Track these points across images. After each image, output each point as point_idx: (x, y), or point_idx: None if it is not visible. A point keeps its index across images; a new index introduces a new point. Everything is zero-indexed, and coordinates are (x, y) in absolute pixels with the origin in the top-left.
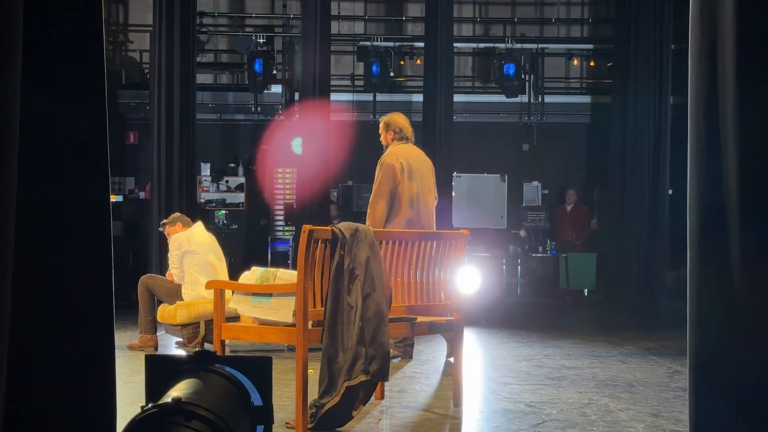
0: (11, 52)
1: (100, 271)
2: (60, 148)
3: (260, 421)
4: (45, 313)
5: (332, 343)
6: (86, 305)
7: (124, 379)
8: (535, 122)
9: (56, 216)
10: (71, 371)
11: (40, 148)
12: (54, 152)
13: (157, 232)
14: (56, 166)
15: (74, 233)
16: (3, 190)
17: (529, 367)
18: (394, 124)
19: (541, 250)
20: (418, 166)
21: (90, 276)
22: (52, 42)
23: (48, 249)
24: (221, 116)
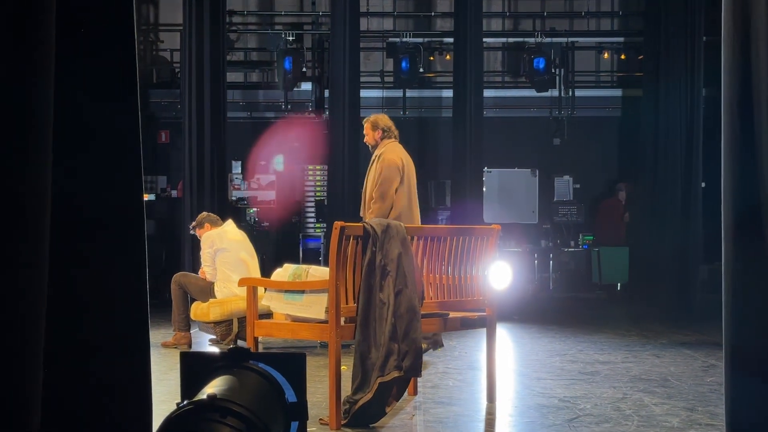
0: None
1: (134, 268)
2: (93, 146)
3: (295, 418)
4: (81, 311)
5: (365, 340)
6: (121, 303)
7: (159, 377)
8: (566, 116)
9: (91, 214)
10: (107, 368)
11: (73, 146)
12: (87, 150)
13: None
14: (90, 164)
15: (109, 231)
16: (39, 190)
17: (562, 362)
18: (382, 122)
19: (573, 245)
20: (410, 165)
21: (125, 273)
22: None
23: (83, 247)
24: (251, 114)
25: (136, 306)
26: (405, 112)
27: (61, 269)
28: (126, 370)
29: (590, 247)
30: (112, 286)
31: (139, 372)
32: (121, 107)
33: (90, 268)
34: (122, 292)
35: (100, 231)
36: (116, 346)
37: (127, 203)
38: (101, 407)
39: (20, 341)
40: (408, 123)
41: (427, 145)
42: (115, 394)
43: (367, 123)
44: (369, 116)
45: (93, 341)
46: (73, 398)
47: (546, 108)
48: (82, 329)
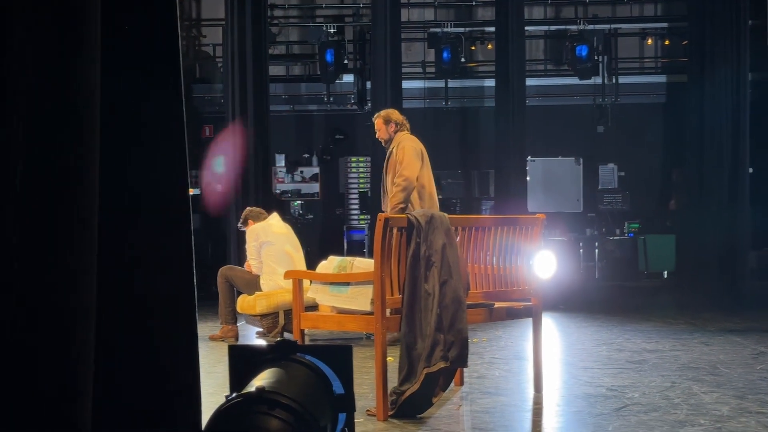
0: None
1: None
2: (139, 138)
3: (342, 409)
4: (129, 304)
5: (411, 331)
6: (170, 296)
7: (207, 369)
8: (610, 104)
9: (138, 206)
10: (156, 362)
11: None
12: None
13: (235, 224)
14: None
15: (156, 223)
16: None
17: (609, 351)
18: (394, 116)
19: (618, 233)
20: (426, 154)
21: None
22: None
23: (131, 240)
24: (294, 107)
25: (184, 298)
26: (447, 103)
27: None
28: (175, 362)
29: (636, 235)
30: (160, 279)
31: (188, 364)
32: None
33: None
34: (171, 284)
35: (148, 223)
36: (165, 338)
37: (173, 194)
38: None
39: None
40: (450, 113)
41: (469, 135)
42: (164, 387)
43: (378, 119)
44: (379, 112)
45: (142, 334)
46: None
47: (589, 96)
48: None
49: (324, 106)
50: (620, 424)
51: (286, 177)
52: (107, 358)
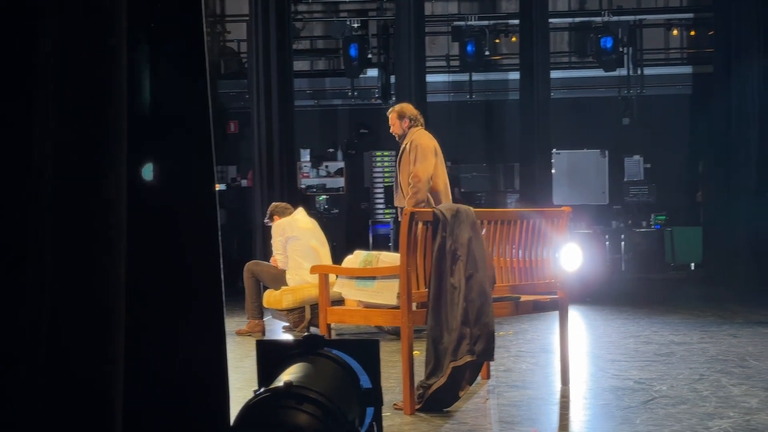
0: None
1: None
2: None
3: (370, 403)
4: (157, 300)
5: (437, 325)
6: (197, 291)
7: (234, 364)
8: (635, 95)
9: (164, 202)
10: (184, 356)
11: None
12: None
13: (261, 219)
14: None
15: (183, 219)
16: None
17: (636, 344)
18: (409, 112)
19: (645, 225)
20: (440, 151)
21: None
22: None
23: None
24: (319, 102)
25: (211, 294)
26: (471, 96)
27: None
28: (203, 357)
29: (662, 227)
30: (186, 275)
31: (215, 359)
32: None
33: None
34: (197, 280)
35: (175, 218)
36: (193, 333)
37: (200, 189)
38: (180, 395)
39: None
40: (475, 106)
41: (494, 128)
42: (192, 383)
43: (392, 113)
44: (393, 107)
45: (170, 329)
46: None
47: (614, 87)
48: (160, 317)
49: (348, 101)
50: (648, 417)
51: (311, 172)
52: (135, 355)
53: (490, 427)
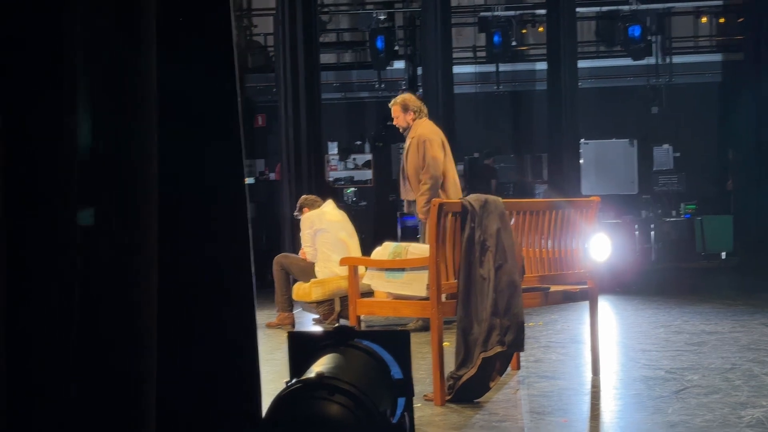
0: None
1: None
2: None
3: (401, 394)
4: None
5: (466, 315)
6: (228, 284)
7: (265, 357)
8: (664, 84)
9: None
10: (215, 348)
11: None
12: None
13: (290, 212)
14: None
15: (213, 213)
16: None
17: (667, 334)
18: (412, 103)
19: (674, 214)
20: (447, 143)
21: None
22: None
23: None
24: (346, 95)
25: (241, 287)
26: (498, 87)
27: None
28: (234, 350)
29: (693, 216)
30: (217, 268)
31: (247, 351)
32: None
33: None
34: (227, 273)
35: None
36: (224, 326)
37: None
38: (211, 387)
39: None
40: (502, 97)
41: (521, 118)
42: (224, 374)
43: (395, 106)
44: (397, 97)
45: (202, 322)
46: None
47: (643, 76)
48: (191, 311)
49: (375, 93)
50: (680, 407)
51: (338, 164)
52: (168, 347)
53: (521, 417)
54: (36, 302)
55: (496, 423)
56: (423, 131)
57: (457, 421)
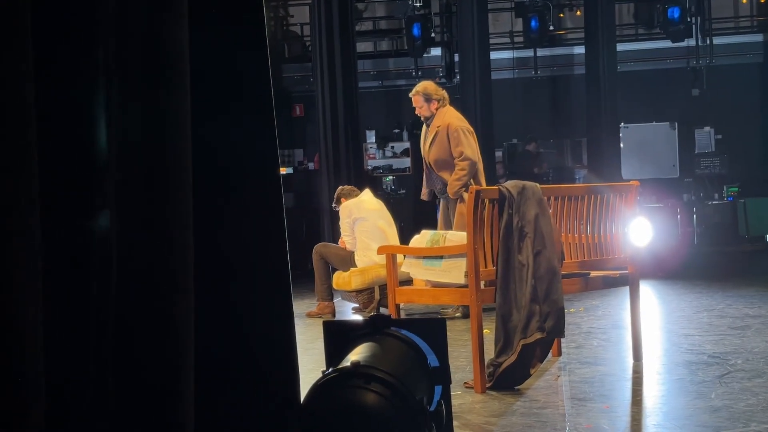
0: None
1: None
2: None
3: (438, 382)
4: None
5: (506, 302)
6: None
7: (305, 346)
8: (704, 65)
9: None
10: (252, 337)
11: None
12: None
13: (328, 202)
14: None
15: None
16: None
17: (710, 318)
18: (435, 92)
19: (717, 197)
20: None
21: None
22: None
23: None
24: (383, 83)
25: (278, 276)
26: (536, 72)
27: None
28: (271, 338)
29: (735, 199)
30: (253, 257)
31: (284, 340)
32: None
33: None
34: (263, 256)
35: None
36: (260, 314)
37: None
38: (249, 376)
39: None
40: (540, 82)
41: (560, 103)
42: (261, 363)
43: (417, 96)
44: (417, 87)
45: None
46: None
47: (683, 58)
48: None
49: (412, 81)
50: (723, 391)
51: (377, 153)
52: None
53: (562, 404)
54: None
55: (536, 410)
56: (451, 120)
57: (498, 408)
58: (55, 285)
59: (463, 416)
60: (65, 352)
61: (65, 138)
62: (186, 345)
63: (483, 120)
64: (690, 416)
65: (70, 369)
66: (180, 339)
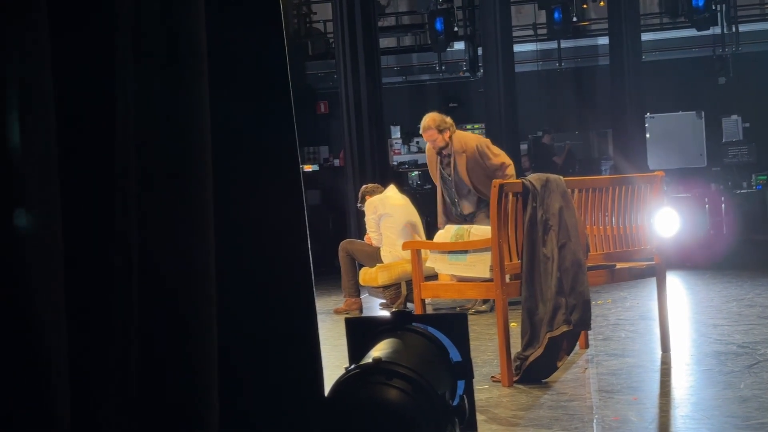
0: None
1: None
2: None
3: (461, 377)
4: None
5: (531, 296)
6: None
7: (332, 343)
8: (730, 53)
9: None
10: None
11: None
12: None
13: (354, 198)
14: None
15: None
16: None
17: (739, 308)
18: (444, 122)
19: (745, 186)
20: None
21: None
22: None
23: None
24: (407, 78)
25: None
26: (560, 64)
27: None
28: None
29: (764, 187)
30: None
31: (306, 336)
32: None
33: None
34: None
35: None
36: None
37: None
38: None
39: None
40: (564, 74)
41: (585, 95)
42: (284, 360)
43: (430, 131)
44: (424, 122)
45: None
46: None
47: (708, 47)
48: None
49: (436, 75)
50: (752, 381)
51: (402, 148)
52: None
53: (590, 396)
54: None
55: (564, 402)
56: (470, 140)
57: (526, 402)
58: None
59: (491, 410)
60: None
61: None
62: (209, 345)
63: (507, 113)
64: (719, 407)
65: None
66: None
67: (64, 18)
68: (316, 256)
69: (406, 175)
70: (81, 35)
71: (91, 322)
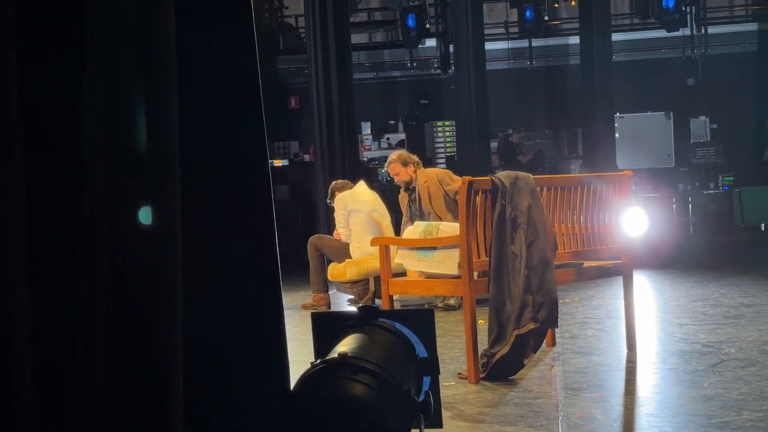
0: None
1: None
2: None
3: (426, 373)
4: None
5: (499, 293)
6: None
7: (300, 338)
8: (699, 55)
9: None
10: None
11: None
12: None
13: (324, 193)
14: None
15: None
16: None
17: (704, 307)
18: (409, 157)
19: (712, 187)
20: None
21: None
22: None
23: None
24: (378, 74)
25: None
26: (532, 62)
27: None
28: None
29: (731, 188)
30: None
31: (273, 332)
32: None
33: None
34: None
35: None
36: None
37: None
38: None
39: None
40: (535, 73)
41: (555, 94)
42: (251, 355)
43: (394, 164)
44: (390, 157)
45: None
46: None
47: (678, 48)
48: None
49: (407, 72)
50: (716, 380)
51: (372, 144)
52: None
53: (556, 394)
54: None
55: (530, 400)
56: (429, 172)
57: (492, 399)
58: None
59: (456, 406)
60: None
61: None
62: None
63: (478, 111)
64: (683, 405)
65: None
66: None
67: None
68: (284, 251)
69: (376, 171)
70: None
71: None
